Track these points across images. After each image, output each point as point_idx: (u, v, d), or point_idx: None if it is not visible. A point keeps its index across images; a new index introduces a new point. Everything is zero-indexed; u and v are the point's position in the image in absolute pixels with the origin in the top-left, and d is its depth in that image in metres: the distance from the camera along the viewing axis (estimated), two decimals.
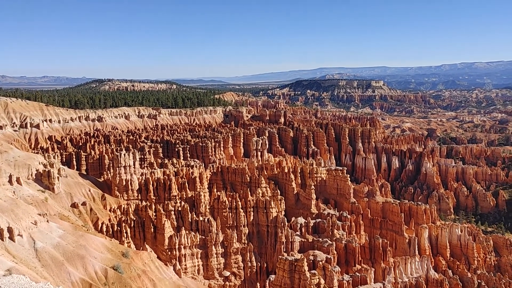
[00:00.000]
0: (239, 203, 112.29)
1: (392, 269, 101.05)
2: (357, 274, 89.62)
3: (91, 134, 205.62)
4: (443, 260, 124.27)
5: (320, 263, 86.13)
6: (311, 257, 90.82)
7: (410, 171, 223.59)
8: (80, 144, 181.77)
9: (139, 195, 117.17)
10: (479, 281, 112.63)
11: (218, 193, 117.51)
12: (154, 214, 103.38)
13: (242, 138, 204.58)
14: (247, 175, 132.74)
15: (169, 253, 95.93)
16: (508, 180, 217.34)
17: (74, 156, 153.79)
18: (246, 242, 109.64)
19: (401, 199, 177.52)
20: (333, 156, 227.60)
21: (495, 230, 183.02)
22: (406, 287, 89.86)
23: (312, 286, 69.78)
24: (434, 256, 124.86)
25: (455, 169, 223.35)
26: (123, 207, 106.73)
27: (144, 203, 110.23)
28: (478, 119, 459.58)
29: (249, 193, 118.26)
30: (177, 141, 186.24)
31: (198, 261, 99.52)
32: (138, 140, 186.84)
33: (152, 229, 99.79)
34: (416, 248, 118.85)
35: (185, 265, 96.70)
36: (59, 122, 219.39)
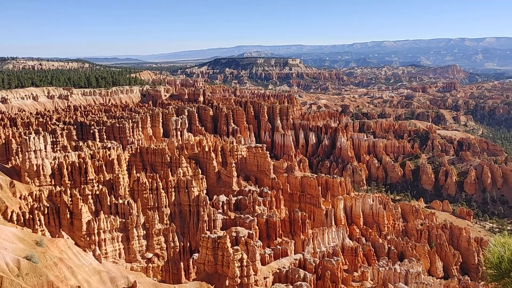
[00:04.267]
0: (160, 183, 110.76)
1: (311, 240, 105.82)
2: (278, 247, 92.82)
3: None
4: (357, 228, 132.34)
5: (243, 238, 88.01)
6: (234, 234, 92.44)
7: (326, 146, 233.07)
8: None
9: (53, 180, 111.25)
10: (389, 246, 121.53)
11: (138, 174, 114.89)
12: (70, 199, 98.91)
13: (161, 118, 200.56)
14: (167, 156, 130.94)
15: (88, 238, 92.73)
16: (413, 151, 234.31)
17: None
18: (168, 222, 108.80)
19: (318, 173, 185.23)
20: (252, 134, 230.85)
21: (402, 198, 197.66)
22: (324, 256, 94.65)
23: (235, 262, 71.26)
24: (349, 225, 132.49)
25: (367, 142, 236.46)
26: (35, 194, 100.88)
27: (58, 188, 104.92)
28: (387, 95, 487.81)
29: (170, 173, 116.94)
30: (92, 123, 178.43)
31: (119, 245, 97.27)
32: (49, 123, 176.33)
33: (68, 215, 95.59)
34: (333, 219, 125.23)
35: (106, 249, 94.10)
36: None
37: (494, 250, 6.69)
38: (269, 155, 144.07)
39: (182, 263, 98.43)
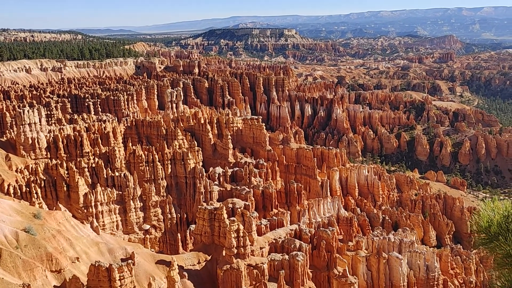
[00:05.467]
0: (156, 156, 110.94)
1: (307, 210, 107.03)
2: (274, 218, 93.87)
3: None
4: (352, 199, 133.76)
5: (239, 210, 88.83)
6: (230, 205, 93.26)
7: (322, 117, 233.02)
8: None
9: (48, 153, 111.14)
10: (384, 216, 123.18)
11: (134, 147, 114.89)
12: (66, 172, 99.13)
13: (156, 90, 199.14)
14: (162, 128, 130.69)
15: (85, 211, 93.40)
16: (409, 122, 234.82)
17: None
18: (165, 194, 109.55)
19: (314, 144, 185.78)
20: (248, 106, 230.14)
21: (397, 169, 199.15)
22: (319, 226, 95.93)
23: (231, 233, 72.14)
24: (344, 196, 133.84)
25: (363, 114, 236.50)
26: (31, 167, 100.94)
27: (54, 161, 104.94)
28: (383, 66, 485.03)
29: (166, 145, 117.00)
30: (87, 95, 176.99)
31: (116, 217, 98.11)
32: (43, 95, 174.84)
33: (65, 188, 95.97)
34: (328, 190, 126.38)
35: (103, 221, 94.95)
36: None
37: (483, 214, 6.84)
38: (264, 127, 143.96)
39: (179, 234, 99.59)
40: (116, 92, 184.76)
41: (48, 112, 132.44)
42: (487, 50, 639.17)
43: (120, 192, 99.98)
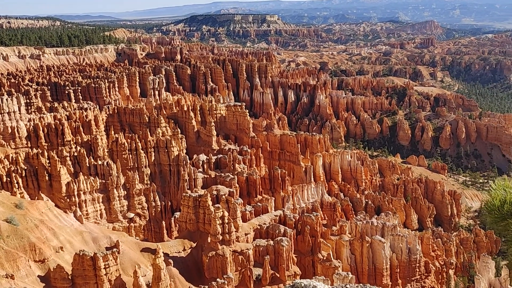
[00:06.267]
0: (139, 144, 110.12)
1: (291, 196, 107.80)
2: (259, 204, 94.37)
3: None
4: (336, 184, 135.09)
5: (223, 197, 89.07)
6: (215, 192, 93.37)
7: (305, 103, 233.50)
8: None
9: (29, 142, 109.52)
10: (367, 200, 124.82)
11: (116, 135, 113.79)
12: (48, 161, 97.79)
13: (137, 77, 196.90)
14: (145, 115, 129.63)
15: (68, 200, 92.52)
16: (391, 108, 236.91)
17: None
18: (148, 182, 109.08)
19: (297, 130, 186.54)
20: (231, 92, 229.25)
21: (380, 154, 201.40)
22: (303, 212, 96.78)
23: (216, 219, 72.37)
24: (328, 181, 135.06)
25: (345, 100, 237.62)
26: (11, 157, 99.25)
27: (35, 150, 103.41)
28: (365, 51, 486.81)
29: (149, 133, 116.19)
30: (67, 83, 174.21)
31: (100, 206, 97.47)
32: (21, 83, 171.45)
33: (46, 177, 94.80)
34: (312, 176, 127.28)
35: (87, 210, 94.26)
36: None
37: (495, 193, 7.06)
38: (248, 114, 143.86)
39: (164, 222, 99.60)
40: (97, 79, 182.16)
41: (28, 101, 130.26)
42: (467, 36, 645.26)
43: (103, 181, 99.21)
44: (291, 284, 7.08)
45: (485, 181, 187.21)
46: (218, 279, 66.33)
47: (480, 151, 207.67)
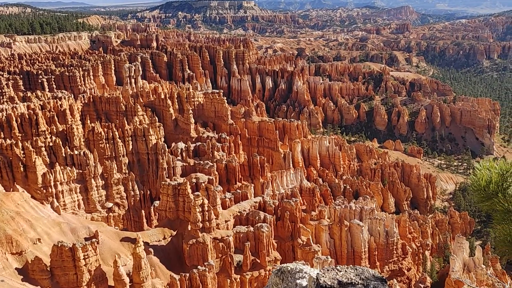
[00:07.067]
0: (116, 133, 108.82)
1: (270, 183, 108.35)
2: (238, 191, 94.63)
3: None
4: (314, 170, 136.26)
5: (203, 184, 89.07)
6: (194, 180, 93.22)
7: (282, 90, 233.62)
8: None
9: (1, 133, 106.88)
10: (345, 185, 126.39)
11: (92, 124, 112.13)
12: (22, 152, 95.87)
13: (113, 65, 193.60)
14: (122, 104, 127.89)
15: (44, 191, 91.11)
16: (367, 93, 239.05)
17: None
18: (127, 171, 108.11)
19: (276, 117, 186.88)
20: (209, 79, 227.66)
21: (357, 139, 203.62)
22: (283, 198, 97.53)
23: (196, 207, 72.36)
24: (306, 167, 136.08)
25: (323, 85, 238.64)
26: None
27: (8, 141, 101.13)
28: (342, 37, 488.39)
29: (126, 122, 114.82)
30: (40, 72, 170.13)
31: (77, 196, 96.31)
32: None
33: (21, 168, 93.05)
34: (291, 162, 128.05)
35: (64, 201, 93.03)
36: None
37: (480, 174, 7.37)
38: (226, 101, 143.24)
39: (143, 211, 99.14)
40: (71, 68, 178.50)
41: None
42: (441, 21, 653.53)
43: (81, 171, 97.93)
44: (278, 268, 7.14)
45: (459, 164, 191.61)
46: (199, 267, 66.59)
47: (454, 135, 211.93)
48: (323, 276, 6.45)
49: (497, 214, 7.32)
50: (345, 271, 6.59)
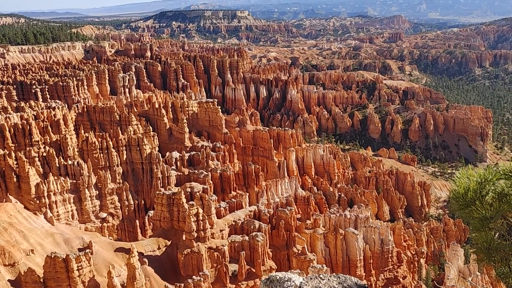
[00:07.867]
0: (110, 142, 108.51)
1: (265, 191, 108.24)
2: (233, 200, 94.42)
3: None
4: (309, 178, 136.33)
5: (197, 194, 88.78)
6: (188, 189, 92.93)
7: (277, 99, 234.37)
8: None
9: None
10: (339, 193, 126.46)
11: (86, 134, 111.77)
12: (16, 162, 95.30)
13: (107, 75, 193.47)
14: (116, 114, 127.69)
15: (38, 201, 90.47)
16: (361, 102, 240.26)
17: None
18: (121, 181, 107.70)
19: (270, 126, 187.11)
20: (203, 89, 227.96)
21: (351, 147, 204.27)
22: (277, 206, 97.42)
23: (191, 217, 72.10)
24: (301, 176, 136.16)
25: (317, 94, 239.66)
26: None
27: (1, 151, 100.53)
28: (335, 46, 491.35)
29: (120, 131, 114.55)
30: (33, 82, 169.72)
31: (71, 206, 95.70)
32: None
33: (14, 179, 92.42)
34: (285, 170, 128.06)
35: (57, 212, 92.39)
36: None
37: (459, 182, 7.51)
38: (220, 110, 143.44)
39: (137, 221, 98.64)
40: (65, 77, 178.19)
41: None
42: (433, 30, 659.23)
43: (74, 181, 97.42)
44: (267, 277, 7.18)
45: (453, 171, 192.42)
46: (194, 277, 66.20)
47: (447, 142, 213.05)
48: (305, 285, 6.50)
49: (475, 222, 7.43)
50: (328, 279, 6.65)
